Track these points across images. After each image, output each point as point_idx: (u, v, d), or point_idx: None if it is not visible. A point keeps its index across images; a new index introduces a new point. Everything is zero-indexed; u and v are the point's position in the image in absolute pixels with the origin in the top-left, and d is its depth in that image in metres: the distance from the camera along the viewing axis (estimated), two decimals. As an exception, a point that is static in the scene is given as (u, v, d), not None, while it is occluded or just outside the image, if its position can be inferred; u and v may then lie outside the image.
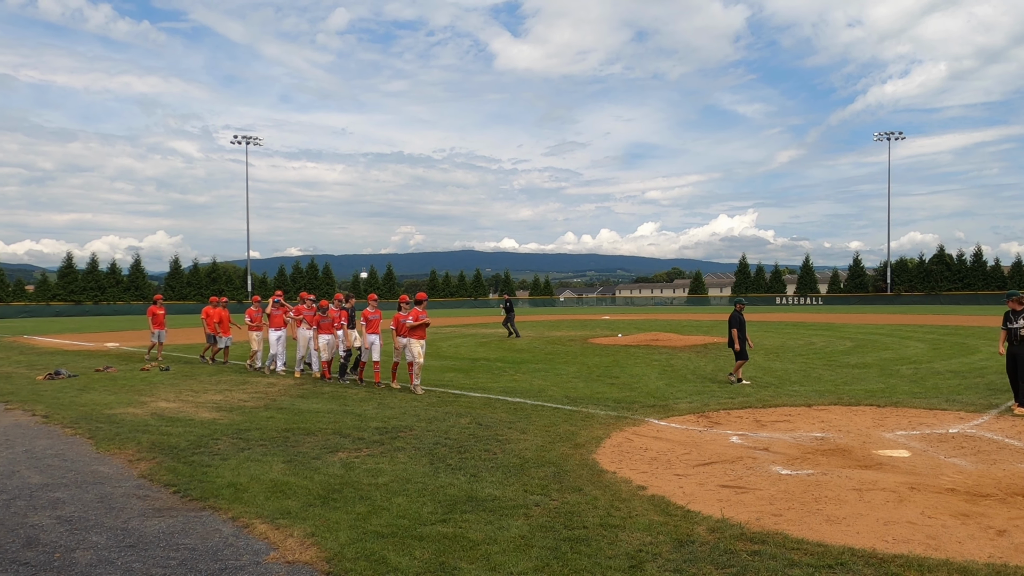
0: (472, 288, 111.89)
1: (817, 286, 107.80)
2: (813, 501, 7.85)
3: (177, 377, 19.73)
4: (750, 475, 8.99)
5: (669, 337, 32.32)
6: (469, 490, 8.30)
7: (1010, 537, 6.59)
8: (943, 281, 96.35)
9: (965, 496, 7.92)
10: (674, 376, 18.85)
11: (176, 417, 13.29)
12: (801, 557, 6.13)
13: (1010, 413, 12.72)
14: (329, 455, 10.11)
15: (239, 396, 15.99)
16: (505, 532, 6.84)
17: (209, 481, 8.76)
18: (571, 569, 5.94)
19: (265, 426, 12.29)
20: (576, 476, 8.90)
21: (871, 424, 12.09)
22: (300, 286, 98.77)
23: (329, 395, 16.05)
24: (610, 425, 12.26)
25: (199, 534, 6.97)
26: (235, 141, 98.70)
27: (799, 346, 28.14)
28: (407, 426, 12.22)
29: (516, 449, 10.39)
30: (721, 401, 14.61)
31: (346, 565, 6.06)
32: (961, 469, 9.12)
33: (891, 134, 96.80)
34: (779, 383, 17.28)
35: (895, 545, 6.43)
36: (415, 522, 7.17)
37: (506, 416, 13.10)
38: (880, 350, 25.80)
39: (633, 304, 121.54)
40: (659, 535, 6.71)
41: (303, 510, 7.59)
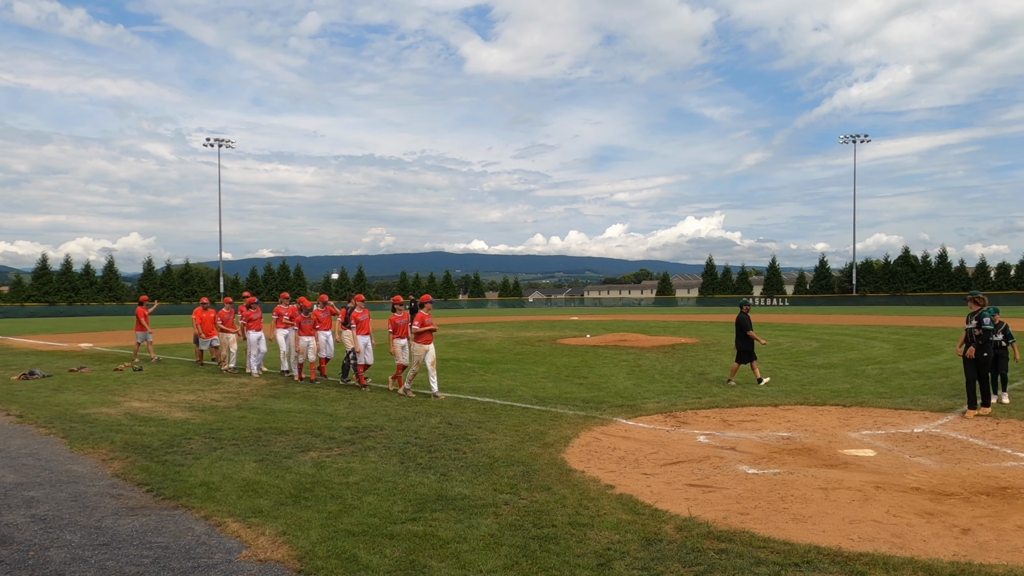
0: (442, 289, 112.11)
1: (783, 287, 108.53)
2: (779, 500, 7.90)
3: (150, 377, 19.69)
4: (717, 474, 9.03)
5: (637, 338, 32.45)
6: (439, 489, 8.31)
7: (974, 535, 6.65)
8: (908, 282, 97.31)
9: (930, 495, 8.00)
10: (642, 376, 18.92)
11: (149, 417, 13.28)
12: (767, 555, 6.17)
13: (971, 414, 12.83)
14: (300, 454, 10.13)
15: (212, 396, 15.97)
16: (475, 531, 6.86)
17: (182, 480, 8.78)
18: (540, 567, 5.95)
19: (237, 426, 12.28)
20: (545, 475, 8.92)
21: (837, 424, 12.18)
22: (272, 287, 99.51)
23: (300, 395, 16.03)
24: (578, 425, 12.29)
25: (172, 533, 6.98)
26: (208, 144, 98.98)
27: (766, 347, 28.31)
28: (378, 426, 12.23)
29: (485, 448, 10.42)
30: (688, 401, 14.68)
31: (317, 563, 6.06)
32: (926, 468, 9.22)
33: (857, 137, 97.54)
34: (746, 383, 17.37)
35: (861, 543, 6.48)
36: (386, 521, 7.17)
37: (476, 416, 13.11)
38: (846, 350, 26.02)
39: (601, 305, 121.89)
40: (627, 533, 6.74)
41: (275, 509, 7.60)
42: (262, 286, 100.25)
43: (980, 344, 12.89)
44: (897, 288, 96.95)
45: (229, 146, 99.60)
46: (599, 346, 29.01)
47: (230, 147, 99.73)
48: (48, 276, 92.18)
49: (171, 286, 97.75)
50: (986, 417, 12.58)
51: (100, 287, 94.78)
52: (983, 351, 12.87)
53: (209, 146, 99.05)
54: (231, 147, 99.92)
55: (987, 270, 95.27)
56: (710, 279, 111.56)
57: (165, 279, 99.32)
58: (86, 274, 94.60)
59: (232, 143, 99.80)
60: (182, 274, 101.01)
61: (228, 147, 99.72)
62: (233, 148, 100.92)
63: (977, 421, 12.27)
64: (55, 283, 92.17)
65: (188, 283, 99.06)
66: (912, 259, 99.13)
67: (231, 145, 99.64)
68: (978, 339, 12.93)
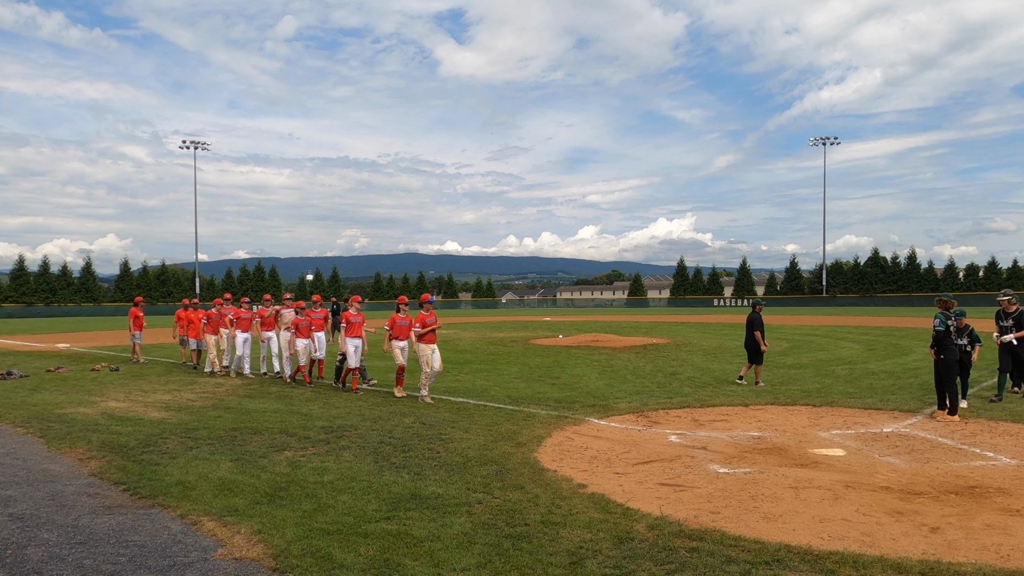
0: (415, 290, 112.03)
1: (754, 288, 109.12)
2: (750, 499, 7.93)
3: (127, 377, 19.69)
4: (688, 473, 9.06)
5: (609, 338, 32.52)
6: (413, 488, 8.33)
7: (943, 534, 6.70)
8: (877, 283, 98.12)
9: (899, 494, 8.05)
10: (614, 376, 18.96)
11: (126, 417, 13.30)
12: (738, 554, 6.19)
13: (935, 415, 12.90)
14: (276, 454, 10.15)
15: (187, 396, 16.00)
16: (448, 529, 6.87)
17: (158, 479, 8.78)
18: (513, 566, 5.96)
19: (213, 425, 12.31)
20: (518, 474, 8.94)
21: (807, 423, 12.26)
22: (247, 288, 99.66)
23: (276, 395, 16.05)
24: (551, 424, 12.31)
25: (148, 531, 6.98)
26: (184, 146, 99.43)
27: (736, 347, 28.43)
28: (352, 425, 12.25)
29: (459, 448, 10.44)
30: (660, 401, 14.73)
31: (292, 562, 6.07)
32: (895, 468, 9.29)
33: (827, 139, 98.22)
34: (717, 383, 17.47)
35: (831, 542, 6.51)
36: (360, 519, 7.18)
37: (449, 415, 13.13)
38: (816, 351, 26.20)
39: (574, 306, 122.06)
40: (599, 532, 6.75)
41: (250, 508, 7.61)
42: (238, 287, 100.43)
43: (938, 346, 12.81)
44: (867, 289, 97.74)
45: (205, 148, 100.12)
46: (571, 346, 29.06)
47: (206, 149, 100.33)
48: (25, 277, 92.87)
49: (147, 287, 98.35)
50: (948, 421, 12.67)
51: (77, 288, 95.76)
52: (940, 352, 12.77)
53: (185, 148, 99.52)
54: (207, 149, 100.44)
55: (956, 271, 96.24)
56: (681, 280, 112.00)
57: (141, 280, 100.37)
58: (63, 275, 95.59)
59: (208, 145, 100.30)
60: (158, 275, 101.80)
61: (204, 149, 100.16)
62: (209, 150, 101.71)
63: (946, 420, 12.37)
64: (32, 284, 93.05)
65: (164, 284, 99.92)
66: (881, 260, 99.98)
67: (207, 147, 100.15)
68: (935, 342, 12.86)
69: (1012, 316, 14.47)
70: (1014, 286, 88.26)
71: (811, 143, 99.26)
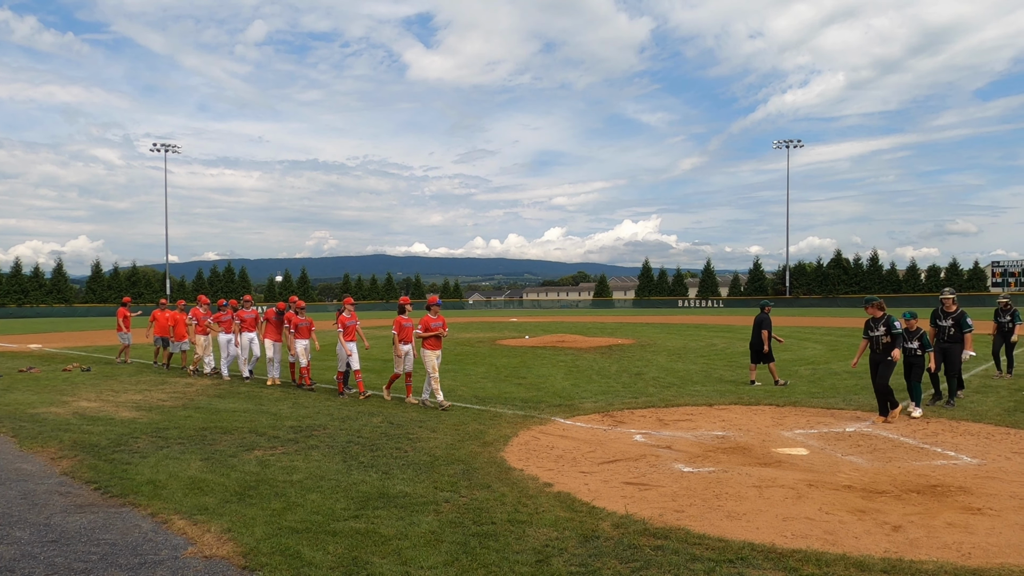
0: (384, 291, 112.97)
1: (718, 289, 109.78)
2: (714, 498, 7.97)
3: (98, 377, 19.67)
4: (653, 472, 9.10)
5: (575, 339, 32.56)
6: (381, 487, 8.36)
7: (905, 532, 6.77)
8: (840, 284, 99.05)
9: (861, 493, 8.13)
10: (579, 376, 19.00)
11: (97, 416, 13.34)
12: (703, 552, 6.22)
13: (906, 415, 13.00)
14: (245, 453, 10.19)
15: (158, 396, 16.01)
16: (416, 528, 6.89)
17: (129, 478, 8.82)
18: (480, 564, 5.97)
19: (183, 425, 12.36)
20: (484, 473, 8.97)
21: (770, 423, 12.34)
22: (217, 289, 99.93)
23: (245, 395, 16.06)
24: (517, 424, 12.35)
25: (119, 529, 7.02)
26: (155, 149, 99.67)
27: (701, 347, 28.63)
28: (321, 425, 12.31)
29: (426, 447, 10.47)
30: (625, 400, 14.78)
31: (262, 560, 6.10)
32: (857, 467, 9.37)
33: (790, 142, 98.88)
34: (681, 383, 17.54)
35: (794, 540, 6.56)
36: (328, 518, 7.22)
37: (417, 415, 13.18)
38: (779, 351, 26.31)
39: (540, 307, 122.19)
40: (565, 531, 6.76)
41: (220, 506, 7.64)
42: (208, 288, 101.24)
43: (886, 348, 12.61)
44: (829, 290, 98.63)
45: (175, 151, 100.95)
46: (538, 347, 29.09)
47: (176, 152, 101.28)
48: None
49: (118, 288, 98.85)
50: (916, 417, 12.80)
51: (49, 289, 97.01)
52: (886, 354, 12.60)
53: (156, 151, 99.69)
54: (177, 152, 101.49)
55: (918, 273, 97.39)
56: (646, 281, 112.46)
57: (112, 281, 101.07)
58: (35, 276, 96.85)
59: (179, 148, 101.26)
60: (129, 276, 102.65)
61: (175, 152, 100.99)
62: (179, 153, 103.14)
63: (908, 420, 12.48)
64: (5, 285, 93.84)
65: (135, 285, 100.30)
66: (844, 262, 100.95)
67: (177, 150, 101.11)
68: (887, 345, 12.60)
69: (952, 316, 14.13)
70: (975, 287, 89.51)
71: (774, 146, 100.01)
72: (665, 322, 53.39)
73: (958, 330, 14.03)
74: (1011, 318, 17.01)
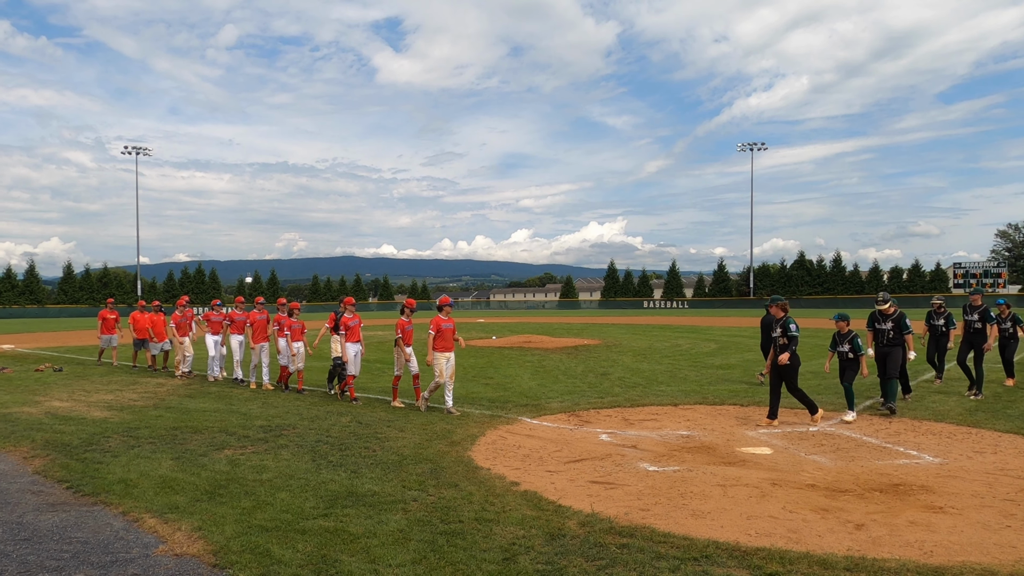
0: (352, 292, 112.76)
1: (683, 290, 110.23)
2: (679, 496, 8.02)
3: (70, 378, 19.64)
4: (619, 471, 9.14)
5: (541, 339, 32.61)
6: (349, 486, 8.39)
7: (868, 531, 6.84)
8: (803, 285, 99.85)
9: (825, 492, 8.20)
10: (546, 376, 19.03)
11: (69, 416, 13.35)
12: (668, 550, 6.26)
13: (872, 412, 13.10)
14: (216, 452, 10.22)
15: (129, 396, 16.02)
16: (384, 526, 6.92)
17: (101, 477, 8.85)
18: (447, 562, 5.99)
19: (154, 424, 12.38)
20: (452, 472, 9.00)
21: (735, 423, 12.42)
22: (188, 290, 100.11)
23: (216, 395, 16.08)
24: (484, 423, 12.38)
25: (91, 528, 7.06)
26: (126, 151, 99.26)
27: (666, 348, 28.75)
28: (290, 424, 12.34)
29: (395, 447, 10.51)
30: (591, 400, 14.82)
31: (232, 558, 6.12)
32: (821, 466, 9.46)
33: (754, 145, 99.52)
34: (647, 383, 17.61)
35: (758, 538, 6.61)
36: (298, 516, 7.24)
37: (385, 415, 13.27)
38: (743, 351, 26.58)
39: (507, 308, 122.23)
40: (532, 529, 6.80)
41: (190, 505, 7.67)
42: (178, 289, 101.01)
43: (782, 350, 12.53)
44: (793, 291, 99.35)
45: (147, 154, 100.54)
46: (504, 347, 29.11)
47: (148, 155, 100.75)
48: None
49: (90, 289, 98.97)
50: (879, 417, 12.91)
51: (21, 290, 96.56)
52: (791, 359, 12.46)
53: (127, 154, 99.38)
54: (149, 155, 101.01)
55: (880, 274, 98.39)
56: (612, 282, 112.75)
57: (84, 283, 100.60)
58: (7, 278, 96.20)
59: (150, 151, 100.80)
60: (100, 278, 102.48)
61: (146, 155, 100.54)
62: (151, 156, 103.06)
63: (871, 420, 12.60)
64: None
65: (107, 287, 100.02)
66: (807, 263, 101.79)
67: (149, 153, 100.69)
68: (783, 347, 12.54)
69: (891, 318, 13.69)
70: (937, 288, 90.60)
71: (739, 149, 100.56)
72: (630, 323, 53.58)
73: (898, 333, 13.62)
74: (945, 322, 16.62)
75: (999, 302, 16.50)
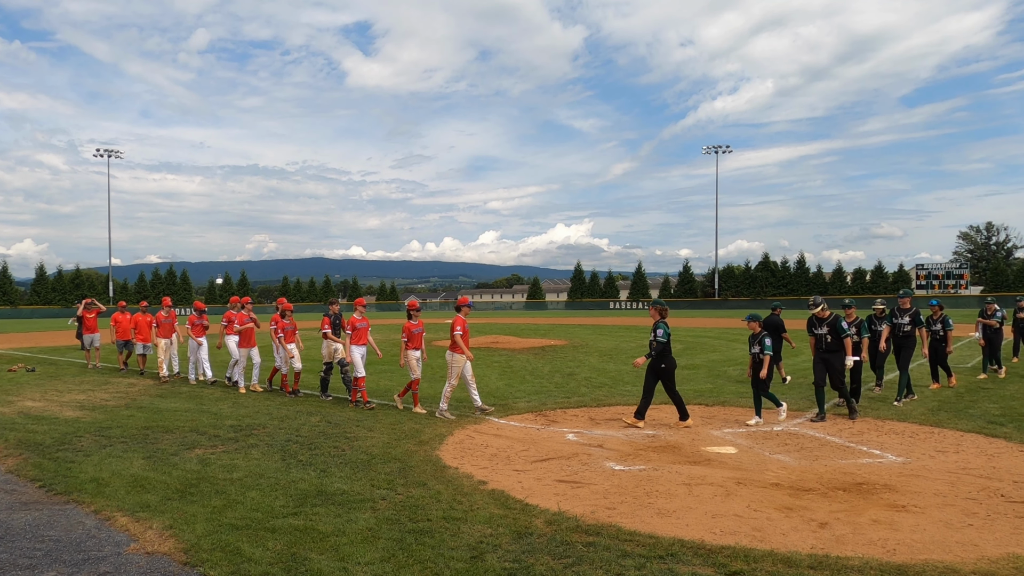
0: (322, 293, 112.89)
1: (649, 291, 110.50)
2: (645, 495, 8.06)
3: (43, 378, 19.76)
4: (585, 471, 9.17)
5: (508, 340, 32.67)
6: (319, 485, 8.43)
7: (831, 529, 6.90)
8: (768, 287, 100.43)
9: (789, 490, 8.27)
10: (513, 376, 19.05)
11: (41, 416, 13.50)
12: (633, 548, 6.29)
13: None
14: (186, 451, 10.27)
15: (101, 396, 16.10)
16: (353, 524, 6.95)
17: (73, 476, 8.91)
18: (416, 560, 6.02)
19: (126, 424, 12.46)
20: (420, 471, 9.03)
21: (700, 422, 12.48)
22: (159, 291, 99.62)
23: (187, 395, 16.15)
24: (452, 423, 12.43)
25: (63, 526, 7.12)
26: (98, 154, 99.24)
27: (632, 348, 28.83)
28: (260, 424, 12.38)
29: (363, 446, 10.55)
30: (557, 400, 14.87)
31: (202, 556, 6.16)
32: (785, 465, 9.53)
33: (719, 147, 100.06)
34: (612, 383, 17.69)
35: (722, 537, 6.66)
36: (268, 515, 7.28)
37: (354, 415, 13.31)
38: (708, 352, 26.72)
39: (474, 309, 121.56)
40: (499, 527, 6.82)
41: (162, 504, 7.71)
42: (150, 290, 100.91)
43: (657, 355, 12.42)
44: (757, 292, 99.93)
45: (119, 157, 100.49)
46: (472, 348, 29.01)
47: (119, 157, 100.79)
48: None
49: (62, 290, 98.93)
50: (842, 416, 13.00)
51: None
52: (660, 362, 12.40)
53: (100, 157, 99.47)
54: (120, 157, 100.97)
55: (844, 275, 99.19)
56: (579, 284, 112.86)
57: (57, 284, 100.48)
58: None
59: (121, 154, 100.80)
60: (73, 279, 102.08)
61: (118, 157, 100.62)
62: (123, 158, 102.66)
63: (834, 420, 12.69)
64: None
65: (79, 287, 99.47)
66: (772, 265, 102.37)
67: (120, 156, 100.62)
68: (654, 350, 12.42)
69: (827, 322, 13.15)
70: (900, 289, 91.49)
71: (704, 151, 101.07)
72: (597, 323, 53.70)
73: (835, 337, 13.06)
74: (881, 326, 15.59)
75: (932, 303, 16.36)
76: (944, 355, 16.17)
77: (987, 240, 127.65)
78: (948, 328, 15.90)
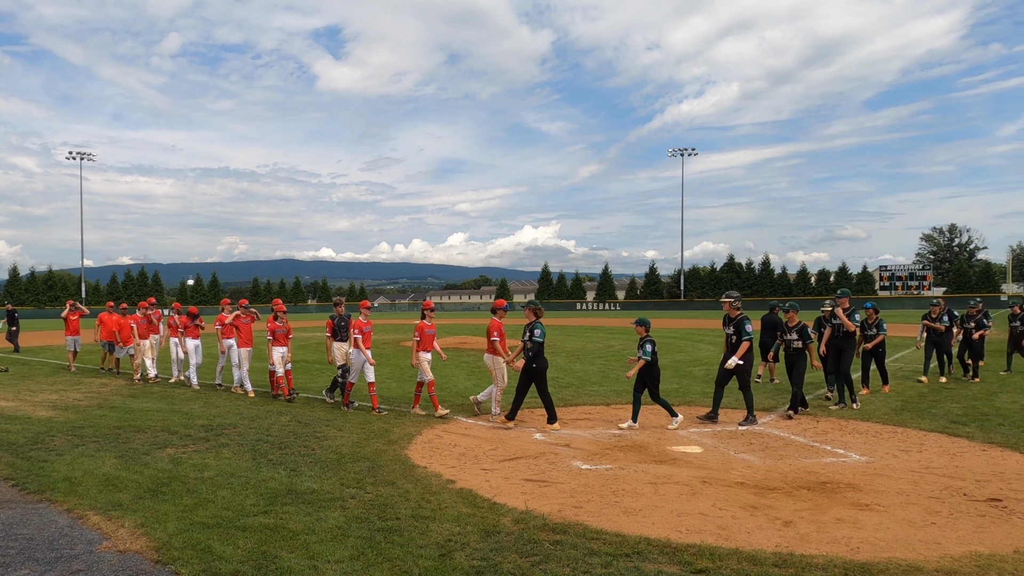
0: (292, 294, 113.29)
1: (615, 293, 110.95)
2: (611, 494, 8.11)
3: (15, 378, 19.84)
4: (552, 470, 9.22)
5: (476, 340, 32.61)
6: (289, 483, 8.47)
7: (795, 528, 6.97)
8: (732, 288, 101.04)
9: (754, 489, 8.34)
10: (481, 376, 19.03)
11: (14, 415, 13.60)
12: (600, 546, 6.33)
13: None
14: (158, 451, 10.33)
15: (74, 396, 16.17)
16: (323, 523, 6.99)
17: (46, 475, 8.96)
18: (385, 558, 6.04)
19: (98, 424, 12.51)
20: (389, 471, 9.08)
21: (666, 422, 12.52)
22: (131, 293, 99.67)
23: (158, 395, 16.22)
24: (421, 423, 12.48)
25: (36, 525, 7.16)
26: (71, 157, 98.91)
27: (598, 349, 28.95)
28: (231, 424, 12.44)
29: (333, 445, 10.60)
30: (525, 400, 14.85)
31: (174, 554, 6.19)
32: (750, 464, 9.62)
33: (685, 150, 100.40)
34: (579, 383, 17.75)
35: (688, 535, 6.71)
36: (239, 513, 7.31)
37: (324, 414, 13.37)
38: (674, 352, 26.84)
39: (443, 310, 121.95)
40: (467, 526, 6.85)
41: (134, 502, 7.76)
42: (122, 292, 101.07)
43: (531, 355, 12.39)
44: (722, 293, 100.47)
45: (91, 159, 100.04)
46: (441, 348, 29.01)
47: (92, 160, 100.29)
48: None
49: (35, 292, 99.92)
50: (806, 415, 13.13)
51: None
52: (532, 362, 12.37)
53: (72, 159, 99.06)
54: (93, 160, 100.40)
55: (808, 276, 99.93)
56: (546, 285, 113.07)
57: (30, 285, 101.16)
58: None
59: (94, 156, 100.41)
60: (46, 280, 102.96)
61: (90, 160, 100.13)
62: (95, 161, 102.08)
63: (799, 419, 12.83)
64: None
65: (52, 289, 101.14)
66: (737, 266, 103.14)
67: (93, 158, 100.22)
68: (529, 351, 12.42)
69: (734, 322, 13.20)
70: (863, 290, 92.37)
71: (670, 154, 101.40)
72: (564, 324, 53.82)
73: (736, 337, 13.00)
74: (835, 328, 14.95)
75: (866, 306, 15.98)
76: (881, 358, 16.09)
77: (950, 242, 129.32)
78: (882, 331, 15.69)
